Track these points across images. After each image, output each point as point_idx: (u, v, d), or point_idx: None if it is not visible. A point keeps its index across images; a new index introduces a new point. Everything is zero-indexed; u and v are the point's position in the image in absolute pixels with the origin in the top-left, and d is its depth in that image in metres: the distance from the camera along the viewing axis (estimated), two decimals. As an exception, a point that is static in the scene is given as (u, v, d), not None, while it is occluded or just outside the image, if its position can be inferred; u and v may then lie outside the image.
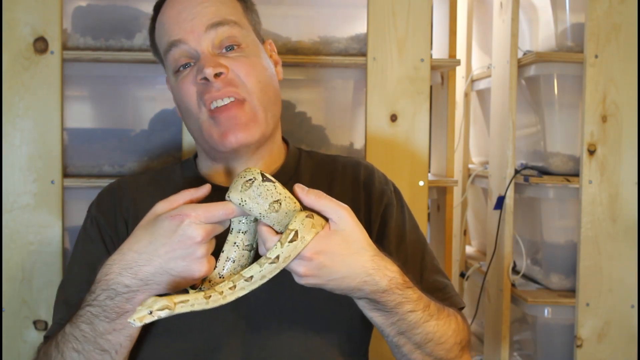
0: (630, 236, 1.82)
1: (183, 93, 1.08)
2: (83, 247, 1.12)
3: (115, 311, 0.89)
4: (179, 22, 1.07)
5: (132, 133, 1.75)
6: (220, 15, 1.07)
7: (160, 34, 1.12)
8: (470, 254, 2.48)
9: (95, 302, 0.90)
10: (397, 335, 0.97)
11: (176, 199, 0.88)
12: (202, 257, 0.85)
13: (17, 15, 1.58)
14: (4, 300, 1.60)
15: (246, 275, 0.85)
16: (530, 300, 1.86)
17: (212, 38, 1.06)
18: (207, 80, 1.04)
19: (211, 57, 1.05)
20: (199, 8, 1.07)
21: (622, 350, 1.82)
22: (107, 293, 0.89)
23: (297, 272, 0.87)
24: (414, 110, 1.73)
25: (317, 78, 1.80)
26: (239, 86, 1.05)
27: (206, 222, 0.85)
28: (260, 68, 1.09)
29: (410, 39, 1.72)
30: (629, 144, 1.81)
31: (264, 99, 1.08)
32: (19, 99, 1.60)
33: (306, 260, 0.85)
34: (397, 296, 0.93)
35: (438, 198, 2.10)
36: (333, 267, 0.86)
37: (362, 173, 1.18)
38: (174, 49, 1.07)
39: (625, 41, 1.79)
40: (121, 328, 0.91)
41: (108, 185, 1.19)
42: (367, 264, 0.89)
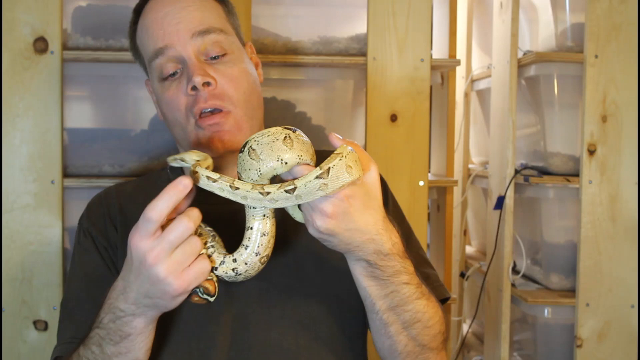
0: (630, 236, 1.82)
1: (172, 103, 1.07)
2: (79, 260, 1.12)
3: (119, 334, 0.89)
4: (163, 26, 1.06)
5: (132, 133, 1.75)
6: (206, 23, 1.07)
7: (143, 38, 1.11)
8: (470, 254, 2.48)
9: (101, 325, 0.91)
10: (388, 311, 0.95)
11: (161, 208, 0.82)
12: (167, 277, 0.82)
13: (17, 15, 1.58)
14: (4, 300, 1.60)
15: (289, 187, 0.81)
16: (530, 300, 1.86)
17: (198, 45, 1.06)
18: (196, 89, 1.04)
19: (199, 65, 1.05)
20: (183, 13, 1.06)
21: (622, 350, 1.82)
22: (109, 317, 0.90)
23: (325, 210, 0.84)
24: (414, 110, 1.73)
25: (317, 78, 1.80)
26: (225, 100, 1.06)
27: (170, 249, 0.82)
28: (245, 76, 1.10)
29: (410, 39, 1.72)
30: (629, 144, 1.81)
31: (248, 108, 1.09)
32: (19, 99, 1.60)
33: (338, 200, 0.84)
34: (396, 263, 0.92)
35: (438, 198, 2.11)
36: (354, 215, 0.86)
37: None
38: (161, 57, 1.07)
39: (625, 41, 1.79)
40: (126, 352, 0.90)
41: (95, 196, 1.19)
42: (378, 223, 0.89)
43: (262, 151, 0.83)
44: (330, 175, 0.81)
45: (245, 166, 0.85)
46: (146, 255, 0.80)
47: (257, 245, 0.88)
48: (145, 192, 1.16)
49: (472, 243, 2.58)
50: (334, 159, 0.81)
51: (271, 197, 0.82)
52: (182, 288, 0.82)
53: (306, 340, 1.04)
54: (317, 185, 0.81)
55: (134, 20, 1.14)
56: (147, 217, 0.79)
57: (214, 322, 1.03)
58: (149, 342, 0.92)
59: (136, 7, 1.14)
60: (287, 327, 1.04)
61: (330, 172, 0.81)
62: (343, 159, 0.82)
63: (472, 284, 2.38)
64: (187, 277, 0.82)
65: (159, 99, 1.11)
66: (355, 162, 0.84)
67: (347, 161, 0.82)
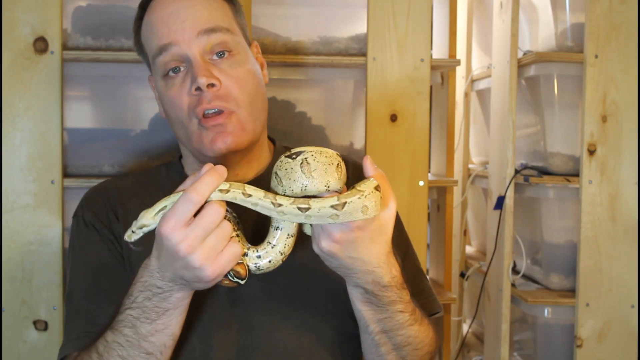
0: (630, 236, 1.82)
1: (175, 102, 1.06)
2: (84, 253, 1.09)
3: (155, 311, 0.89)
4: (168, 24, 1.05)
5: (132, 133, 1.75)
6: (213, 22, 1.06)
7: (148, 35, 1.09)
8: (470, 254, 2.48)
9: (134, 305, 0.90)
10: (380, 333, 0.98)
11: (204, 191, 0.81)
12: (202, 264, 0.82)
13: (17, 15, 1.58)
14: (4, 300, 1.60)
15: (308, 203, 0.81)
16: (530, 300, 1.86)
17: (203, 44, 1.05)
18: (200, 90, 1.03)
19: (204, 65, 1.04)
20: (190, 11, 1.05)
21: (622, 350, 1.82)
22: (144, 294, 0.89)
23: (332, 235, 0.86)
24: (414, 110, 1.73)
25: (317, 78, 1.80)
26: (229, 101, 1.05)
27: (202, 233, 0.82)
28: (251, 77, 1.09)
29: (410, 39, 1.72)
30: (629, 144, 1.81)
31: (252, 110, 1.08)
32: (19, 99, 1.60)
33: (348, 229, 0.85)
34: (393, 294, 0.94)
35: (438, 198, 2.11)
36: (361, 245, 0.87)
37: (350, 170, 1.17)
38: (164, 54, 1.05)
39: (625, 41, 1.79)
40: (163, 328, 0.90)
41: (91, 189, 1.17)
42: (382, 257, 0.90)
43: (317, 169, 0.84)
44: (345, 209, 0.81)
45: (293, 176, 0.84)
46: (179, 245, 0.81)
47: (283, 245, 0.89)
48: (144, 187, 1.15)
49: (472, 243, 2.58)
50: (353, 195, 0.82)
51: (281, 210, 0.82)
52: (217, 273, 0.83)
53: (309, 343, 1.04)
54: (329, 213, 0.81)
55: (139, 15, 1.12)
56: (188, 197, 0.79)
57: (218, 323, 1.03)
58: (184, 315, 0.92)
59: (142, 2, 1.12)
60: (291, 329, 1.04)
61: (345, 206, 0.81)
62: (362, 198, 0.82)
63: (472, 284, 2.38)
64: (221, 262, 0.83)
65: (161, 96, 1.11)
66: (375, 203, 0.84)
67: (366, 201, 0.82)
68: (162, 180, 1.17)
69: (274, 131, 1.77)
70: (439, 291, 2.00)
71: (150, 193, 1.13)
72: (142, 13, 1.12)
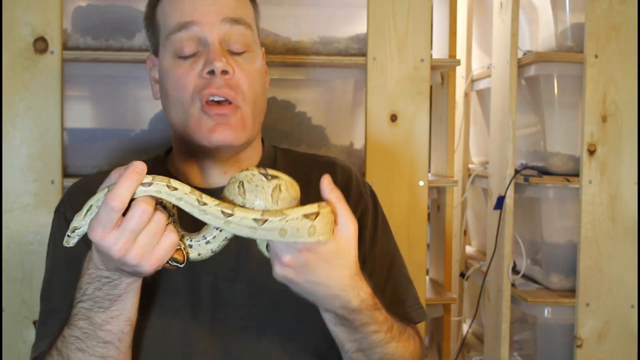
0: (630, 236, 1.82)
1: (180, 82, 1.04)
2: (63, 251, 1.05)
3: (107, 299, 0.88)
4: (195, 3, 1.03)
5: (132, 133, 1.75)
6: (239, 13, 1.05)
7: (168, 10, 1.06)
8: (470, 254, 2.48)
9: (85, 297, 0.89)
10: (357, 351, 0.96)
11: (124, 195, 0.78)
12: (139, 262, 0.81)
13: (17, 15, 1.58)
14: (4, 300, 1.60)
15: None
16: (530, 300, 1.86)
17: (225, 31, 1.03)
18: (213, 73, 1.01)
19: (222, 52, 1.02)
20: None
21: (622, 350, 1.82)
22: (93, 285, 0.88)
23: (281, 259, 0.84)
24: (414, 110, 1.73)
25: (317, 78, 1.80)
26: (238, 93, 1.03)
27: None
28: (259, 77, 1.08)
29: (410, 39, 1.72)
30: (629, 144, 1.81)
31: (255, 109, 1.07)
32: (19, 99, 1.59)
33: (297, 252, 0.83)
34: (364, 316, 0.92)
35: (438, 198, 2.11)
36: (316, 269, 0.85)
37: (339, 174, 1.16)
38: (184, 31, 1.03)
39: (625, 41, 1.79)
40: (118, 314, 0.90)
41: (74, 184, 1.15)
42: (345, 279, 0.88)
43: (284, 199, 0.83)
44: (267, 227, 0.79)
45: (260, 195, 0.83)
46: (111, 249, 0.78)
47: (217, 245, 0.87)
48: None
49: (472, 243, 2.58)
50: (276, 215, 0.79)
51: (204, 209, 0.79)
52: (155, 266, 0.81)
53: (293, 349, 1.03)
54: (249, 225, 0.79)
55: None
56: (110, 206, 0.76)
57: (200, 328, 1.02)
58: (138, 298, 0.91)
59: None
60: (275, 335, 1.03)
61: (265, 224, 0.78)
62: (283, 222, 0.79)
63: (472, 284, 2.38)
64: (157, 256, 0.81)
65: (165, 74, 1.07)
66: (324, 226, 0.81)
67: (316, 222, 0.80)
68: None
69: (274, 131, 1.77)
70: (439, 291, 2.00)
71: None
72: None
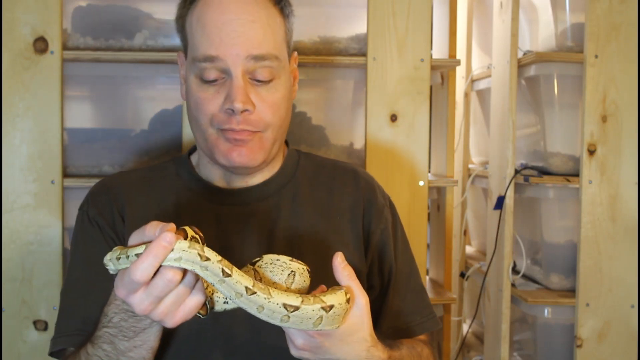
0: (630, 236, 1.82)
1: (201, 106, 1.05)
2: (84, 249, 1.09)
3: (132, 330, 0.89)
4: (221, 35, 1.02)
5: (132, 133, 1.75)
6: (265, 47, 1.03)
7: (196, 32, 1.06)
8: (470, 254, 2.48)
9: (110, 324, 0.90)
10: None
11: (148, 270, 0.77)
12: (162, 319, 0.81)
13: (17, 15, 1.58)
14: (4, 300, 1.60)
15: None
16: (530, 300, 1.86)
17: (249, 66, 1.03)
18: (232, 111, 1.02)
19: (244, 88, 1.02)
20: (246, 28, 1.02)
21: (622, 350, 1.82)
22: (119, 316, 0.89)
23: (295, 343, 0.87)
24: (414, 110, 1.73)
25: (317, 78, 1.80)
26: (258, 125, 1.04)
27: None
28: (285, 102, 1.08)
29: (410, 39, 1.72)
30: (629, 144, 1.81)
31: (278, 132, 1.08)
32: (19, 99, 1.60)
33: (308, 336, 0.85)
34: None
35: (438, 198, 2.10)
36: (330, 349, 0.87)
37: (362, 185, 1.17)
38: (208, 63, 1.03)
39: (625, 41, 1.79)
40: (141, 344, 0.91)
41: (98, 183, 1.16)
42: (362, 353, 0.90)
43: (295, 283, 0.88)
44: (294, 314, 0.80)
45: (277, 275, 0.87)
46: (136, 307, 0.79)
47: (236, 306, 0.88)
48: (150, 185, 1.14)
49: (472, 243, 2.58)
50: (264, 292, 0.79)
51: (205, 265, 0.78)
52: (178, 324, 0.82)
53: None
54: (239, 290, 0.79)
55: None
56: (133, 279, 0.76)
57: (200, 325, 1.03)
58: (162, 330, 0.92)
59: None
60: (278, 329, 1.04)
61: (252, 296, 0.79)
62: (322, 311, 0.80)
63: (472, 284, 2.38)
64: (181, 315, 0.81)
65: (188, 90, 1.08)
66: (334, 318, 0.83)
67: (327, 316, 0.81)
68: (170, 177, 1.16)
69: (274, 131, 1.77)
70: (439, 291, 2.00)
71: (158, 190, 1.12)
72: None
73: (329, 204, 1.14)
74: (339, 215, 1.14)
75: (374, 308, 1.13)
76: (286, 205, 1.12)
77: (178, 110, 1.71)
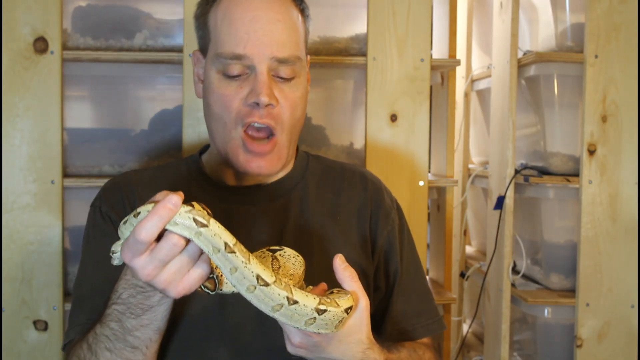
0: (630, 236, 1.82)
1: (225, 103, 1.06)
2: (97, 243, 1.10)
3: (140, 307, 0.90)
4: (249, 32, 1.04)
5: (132, 133, 1.75)
6: (289, 50, 1.06)
7: (221, 28, 1.07)
8: (470, 254, 2.47)
9: (119, 300, 0.91)
10: None
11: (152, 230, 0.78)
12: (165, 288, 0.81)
13: (17, 15, 1.58)
14: (4, 300, 1.60)
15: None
16: (530, 300, 1.86)
17: (274, 65, 1.06)
18: (257, 105, 1.04)
19: (269, 83, 1.04)
20: (272, 27, 1.05)
21: (622, 350, 1.82)
22: (128, 292, 0.90)
23: (292, 340, 0.87)
24: (414, 110, 1.73)
25: (317, 78, 1.80)
26: (278, 122, 1.06)
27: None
28: (303, 102, 1.11)
29: (410, 39, 1.72)
30: (629, 144, 1.81)
31: (293, 134, 1.10)
32: (19, 99, 1.60)
33: (305, 335, 0.86)
34: None
35: (438, 198, 2.10)
36: (327, 348, 0.88)
37: (370, 188, 1.19)
38: (235, 61, 1.05)
39: (625, 41, 1.79)
40: (148, 323, 0.91)
41: (111, 180, 1.18)
42: (358, 354, 0.91)
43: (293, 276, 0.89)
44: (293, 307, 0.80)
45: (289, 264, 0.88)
46: (140, 271, 0.80)
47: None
48: (162, 183, 1.15)
49: (472, 243, 2.58)
50: (309, 303, 0.80)
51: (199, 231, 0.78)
52: (182, 294, 0.82)
53: None
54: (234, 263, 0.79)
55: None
56: (137, 238, 0.77)
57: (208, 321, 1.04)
58: (170, 310, 0.92)
59: None
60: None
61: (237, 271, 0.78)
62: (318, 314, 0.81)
63: (472, 284, 2.38)
64: (185, 284, 0.81)
65: (209, 88, 1.10)
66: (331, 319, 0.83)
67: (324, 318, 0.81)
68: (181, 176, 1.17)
69: (274, 131, 1.77)
70: (439, 291, 2.00)
71: (169, 188, 1.12)
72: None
73: (336, 206, 1.15)
74: (346, 217, 1.15)
75: (379, 309, 1.14)
76: (295, 206, 1.14)
77: (178, 110, 1.71)
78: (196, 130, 1.65)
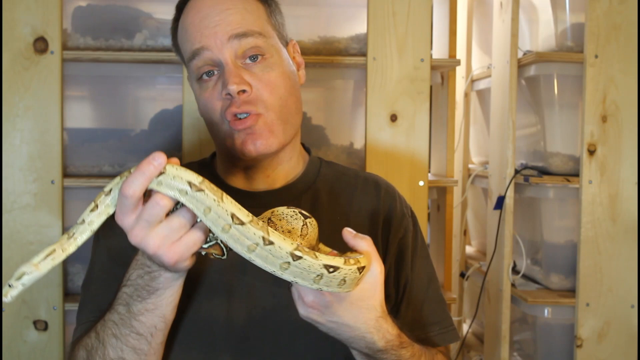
0: (630, 236, 1.82)
1: (209, 105, 1.08)
2: (106, 242, 1.11)
3: (146, 289, 0.90)
4: (201, 29, 1.06)
5: (132, 133, 1.75)
6: (245, 26, 1.06)
7: (183, 39, 1.10)
8: (470, 254, 2.48)
9: (129, 282, 0.92)
10: None
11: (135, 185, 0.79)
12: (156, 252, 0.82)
13: (17, 15, 1.58)
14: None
15: None
16: (530, 300, 1.86)
17: (235, 48, 1.05)
18: (230, 95, 1.04)
19: (236, 71, 1.04)
20: (222, 15, 1.05)
21: (622, 350, 1.82)
22: (137, 272, 0.91)
23: (304, 299, 0.86)
24: (414, 110, 1.73)
25: (317, 78, 1.80)
26: (258, 105, 1.06)
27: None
28: (283, 81, 1.09)
29: (410, 39, 1.72)
30: (629, 144, 1.81)
31: (283, 112, 1.08)
32: (19, 99, 1.60)
33: (319, 293, 0.85)
34: (390, 355, 0.94)
35: (438, 198, 2.11)
36: (338, 311, 0.87)
37: (383, 195, 1.18)
38: (197, 58, 1.06)
39: (625, 41, 1.79)
40: (153, 308, 0.91)
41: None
42: (370, 322, 0.89)
43: (308, 235, 0.89)
44: (268, 247, 0.78)
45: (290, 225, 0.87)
46: (128, 232, 0.80)
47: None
48: None
49: (472, 243, 2.58)
50: (285, 246, 0.78)
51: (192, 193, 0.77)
52: (174, 260, 0.82)
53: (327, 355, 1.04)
54: (226, 220, 0.77)
55: (176, 17, 1.13)
56: (122, 193, 0.78)
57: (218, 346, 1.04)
58: (177, 298, 0.92)
59: (178, 4, 1.12)
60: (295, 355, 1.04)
61: (230, 229, 0.77)
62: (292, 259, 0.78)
63: (472, 284, 2.38)
64: (177, 250, 0.81)
65: (197, 98, 1.12)
66: (351, 280, 0.82)
67: (333, 276, 0.80)
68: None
69: (274, 131, 1.77)
70: (439, 291, 2.00)
71: None
72: (178, 15, 1.12)
73: (348, 212, 1.15)
74: (357, 224, 1.14)
75: None
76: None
77: (178, 110, 1.71)
78: (196, 130, 1.65)
